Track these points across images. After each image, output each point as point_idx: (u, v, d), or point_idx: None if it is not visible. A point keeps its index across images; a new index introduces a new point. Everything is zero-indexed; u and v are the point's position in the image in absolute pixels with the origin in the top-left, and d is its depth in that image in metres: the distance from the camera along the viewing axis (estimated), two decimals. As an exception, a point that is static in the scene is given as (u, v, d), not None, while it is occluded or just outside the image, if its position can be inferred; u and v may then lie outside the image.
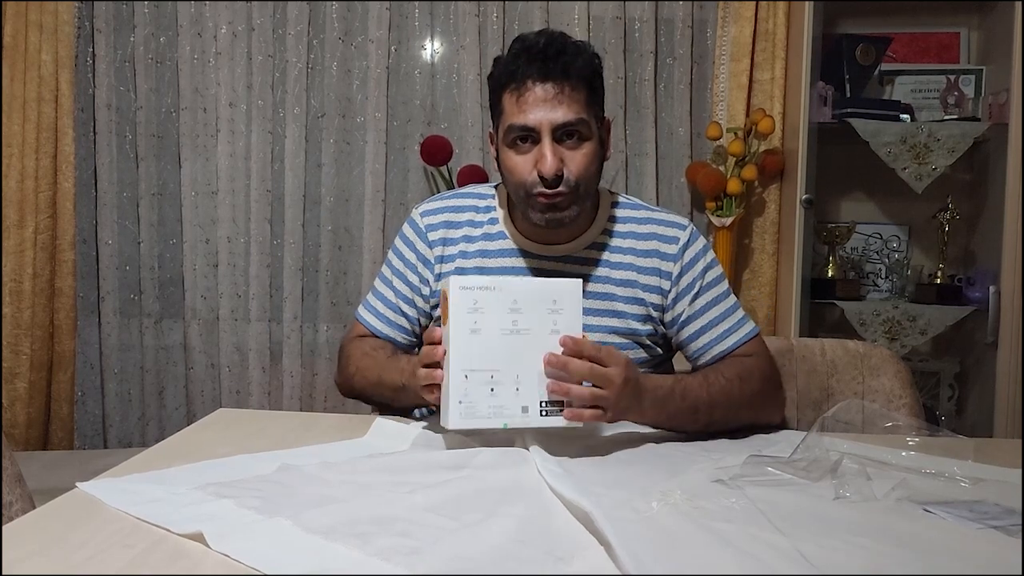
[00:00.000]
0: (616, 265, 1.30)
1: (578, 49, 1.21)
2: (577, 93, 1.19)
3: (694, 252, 1.31)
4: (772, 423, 1.26)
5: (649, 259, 1.30)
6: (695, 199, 2.56)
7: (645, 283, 1.30)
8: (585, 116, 1.19)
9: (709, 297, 1.29)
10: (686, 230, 1.32)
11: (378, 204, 2.56)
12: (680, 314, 1.29)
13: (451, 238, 1.34)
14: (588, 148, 1.21)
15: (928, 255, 2.54)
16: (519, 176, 1.21)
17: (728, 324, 1.28)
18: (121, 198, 2.61)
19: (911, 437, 1.06)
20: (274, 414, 1.32)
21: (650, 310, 1.30)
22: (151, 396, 2.63)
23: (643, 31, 2.54)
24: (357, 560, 0.68)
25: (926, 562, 0.71)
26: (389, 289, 1.36)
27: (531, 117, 1.18)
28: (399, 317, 1.35)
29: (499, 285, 1.03)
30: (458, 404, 1.01)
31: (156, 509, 0.78)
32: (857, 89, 2.46)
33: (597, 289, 1.29)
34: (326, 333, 2.61)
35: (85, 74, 2.57)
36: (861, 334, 2.30)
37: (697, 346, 1.29)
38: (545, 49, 1.18)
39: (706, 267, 1.31)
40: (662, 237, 1.31)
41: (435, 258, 1.33)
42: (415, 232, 1.35)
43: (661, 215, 1.35)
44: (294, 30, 2.54)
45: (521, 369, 1.02)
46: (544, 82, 1.17)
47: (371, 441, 1.09)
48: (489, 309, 1.02)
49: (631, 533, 0.72)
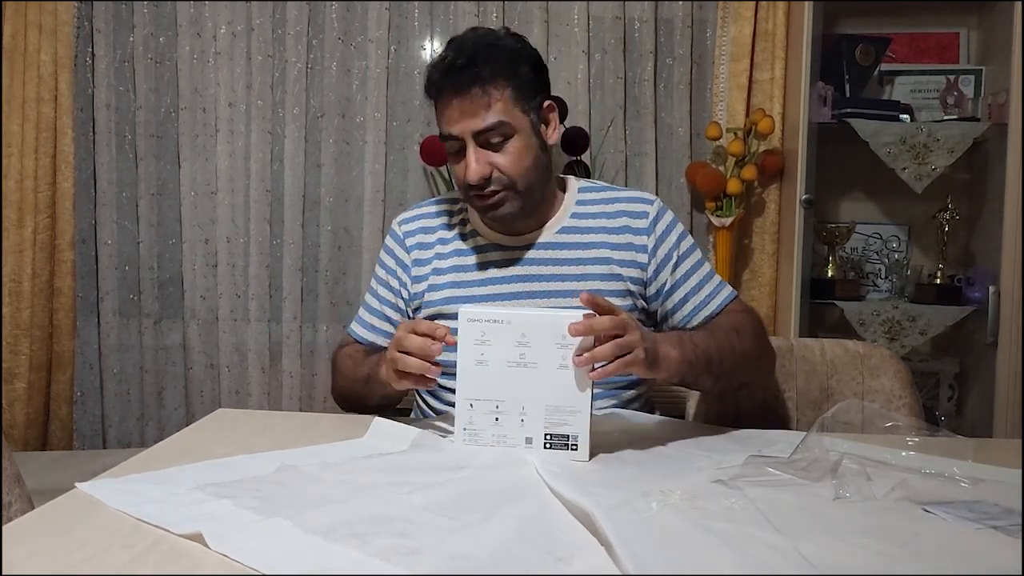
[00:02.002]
0: (588, 245, 1.34)
1: (490, 53, 1.24)
2: (493, 97, 1.23)
3: (665, 224, 1.35)
4: (769, 379, 1.35)
5: (622, 235, 1.35)
6: (695, 199, 2.55)
7: (620, 259, 1.33)
8: (504, 117, 1.23)
9: (688, 265, 1.34)
10: (654, 204, 1.37)
11: (378, 204, 2.56)
12: (664, 284, 1.34)
13: (427, 242, 1.39)
14: (515, 144, 1.25)
15: (928, 255, 2.54)
16: (457, 180, 1.30)
17: (710, 288, 1.34)
18: (120, 198, 2.60)
19: (911, 437, 1.06)
20: (273, 414, 1.33)
21: (629, 284, 1.33)
22: (150, 396, 2.62)
23: (643, 31, 2.54)
24: (356, 560, 0.68)
25: (926, 562, 0.71)
26: (374, 298, 1.42)
27: (453, 128, 1.24)
28: (383, 323, 1.40)
29: (508, 318, 1.03)
30: (463, 430, 1.05)
31: (155, 509, 0.78)
32: (857, 89, 2.46)
33: (573, 271, 1.33)
34: (325, 333, 2.61)
35: (84, 74, 2.57)
36: (861, 334, 2.30)
37: (684, 312, 1.33)
38: (455, 63, 1.23)
39: (679, 237, 1.36)
40: (631, 213, 1.36)
41: (412, 262, 1.39)
42: (394, 240, 1.42)
43: (627, 193, 1.40)
44: (293, 30, 2.54)
45: (527, 402, 1.03)
46: (457, 94, 1.23)
47: (370, 442, 1.09)
48: (496, 341, 1.03)
49: (631, 533, 0.72)
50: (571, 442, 1.02)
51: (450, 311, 1.31)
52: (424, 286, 1.36)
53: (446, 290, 1.34)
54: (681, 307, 1.33)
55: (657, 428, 1.22)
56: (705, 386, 1.24)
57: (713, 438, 1.16)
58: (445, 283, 1.35)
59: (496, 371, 1.03)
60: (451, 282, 1.35)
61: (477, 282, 1.34)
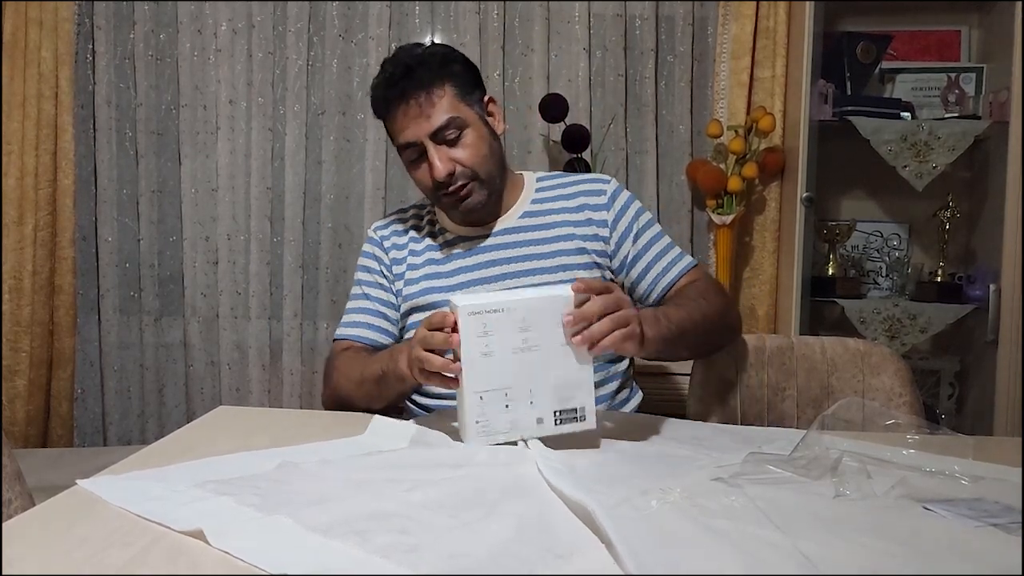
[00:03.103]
0: (551, 225, 1.42)
1: (423, 57, 1.33)
2: (437, 96, 1.31)
3: (623, 200, 1.44)
4: (736, 338, 1.43)
5: (581, 213, 1.42)
6: (695, 197, 2.55)
7: (583, 234, 1.41)
8: (454, 113, 1.31)
9: (648, 236, 1.42)
10: (610, 183, 1.46)
11: (378, 201, 2.56)
12: (627, 255, 1.41)
13: (400, 243, 1.47)
14: (470, 135, 1.33)
15: (928, 253, 2.54)
16: (424, 185, 1.36)
17: (670, 257, 1.42)
18: (121, 195, 2.60)
19: (911, 435, 1.06)
20: (274, 412, 1.33)
21: (595, 257, 1.40)
22: (151, 393, 2.63)
23: (644, 29, 2.54)
24: (356, 558, 0.68)
25: (926, 560, 0.71)
26: (367, 300, 1.45)
27: (409, 134, 1.32)
28: (382, 320, 1.44)
29: (508, 306, 1.03)
30: (475, 424, 1.04)
31: (156, 506, 0.78)
32: (858, 87, 2.46)
33: (540, 250, 1.39)
34: (326, 331, 2.61)
35: (85, 71, 2.57)
36: (861, 332, 2.30)
37: (647, 282, 1.41)
38: (395, 74, 1.31)
39: (638, 211, 1.44)
40: (588, 192, 1.44)
41: (391, 260, 1.46)
42: (372, 244, 1.49)
43: (583, 176, 1.51)
44: (294, 27, 2.54)
45: (534, 384, 1.04)
46: (406, 101, 1.31)
47: (369, 439, 1.09)
48: (499, 331, 1.03)
49: (631, 531, 0.72)
50: (579, 415, 1.05)
51: (425, 302, 1.39)
52: (401, 283, 1.43)
53: (422, 282, 1.41)
54: (644, 276, 1.41)
55: (657, 426, 1.21)
56: (680, 356, 1.33)
57: (713, 436, 1.15)
58: (420, 276, 1.42)
59: (502, 359, 1.03)
60: (425, 275, 1.41)
61: (448, 272, 1.41)
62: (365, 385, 1.27)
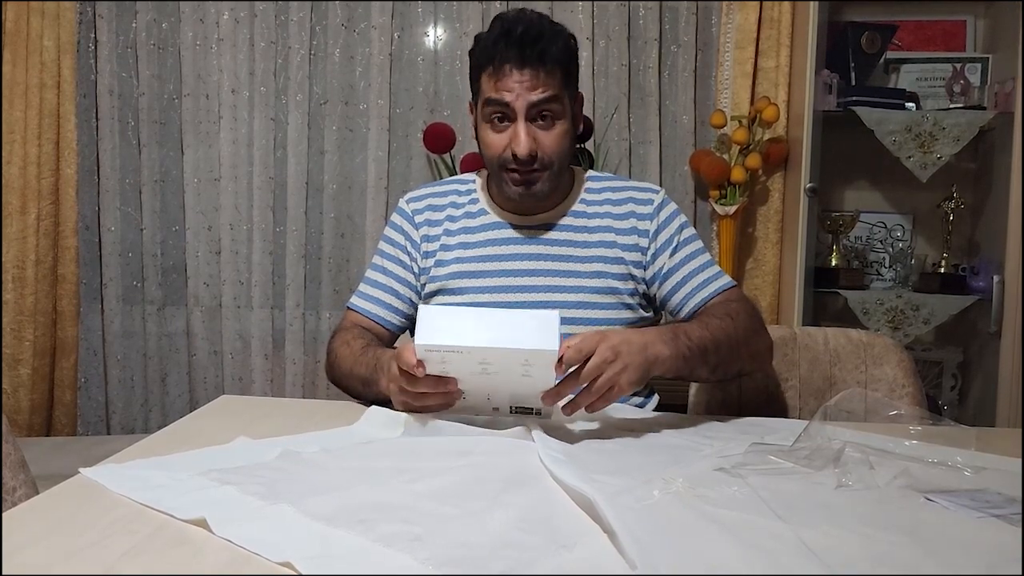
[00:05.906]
0: (595, 229, 1.37)
1: (555, 34, 1.27)
2: (552, 76, 1.26)
3: (668, 212, 1.39)
4: (765, 366, 1.36)
5: (627, 220, 1.38)
6: (699, 187, 2.55)
7: (624, 243, 1.36)
8: (559, 94, 1.27)
9: (687, 251, 1.37)
10: (659, 193, 1.41)
11: (381, 191, 2.55)
12: (661, 268, 1.36)
13: (434, 219, 1.41)
14: (561, 127, 1.29)
15: (932, 244, 2.53)
16: (494, 151, 1.30)
17: (707, 275, 1.36)
18: (123, 185, 2.61)
19: (913, 426, 1.06)
20: (276, 401, 1.33)
21: (631, 268, 1.36)
22: (154, 383, 2.63)
23: (647, 18, 2.53)
24: (360, 546, 0.68)
25: (927, 550, 0.71)
26: (382, 274, 1.41)
27: (509, 96, 1.25)
28: (393, 299, 1.40)
29: (466, 349, 0.98)
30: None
31: (159, 495, 0.78)
32: (862, 77, 2.45)
33: (579, 253, 1.35)
34: (328, 320, 2.61)
35: (87, 60, 2.57)
36: (864, 323, 2.30)
37: (679, 297, 1.35)
38: (523, 36, 1.24)
39: (681, 225, 1.39)
40: (637, 200, 1.39)
41: (421, 238, 1.40)
42: (402, 217, 1.43)
43: (635, 183, 1.44)
44: (296, 16, 2.53)
45: (492, 392, 1.06)
46: (521, 68, 1.24)
47: (363, 428, 1.09)
48: (456, 367, 1.02)
49: (633, 521, 0.72)
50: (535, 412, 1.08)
51: (454, 286, 1.35)
52: (432, 261, 1.39)
53: (452, 265, 1.37)
54: (677, 291, 1.35)
55: (659, 417, 1.21)
56: (701, 376, 1.23)
57: (715, 426, 1.16)
58: (451, 259, 1.37)
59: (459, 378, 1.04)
60: (457, 258, 1.37)
61: (482, 258, 1.36)
62: (353, 380, 1.28)
